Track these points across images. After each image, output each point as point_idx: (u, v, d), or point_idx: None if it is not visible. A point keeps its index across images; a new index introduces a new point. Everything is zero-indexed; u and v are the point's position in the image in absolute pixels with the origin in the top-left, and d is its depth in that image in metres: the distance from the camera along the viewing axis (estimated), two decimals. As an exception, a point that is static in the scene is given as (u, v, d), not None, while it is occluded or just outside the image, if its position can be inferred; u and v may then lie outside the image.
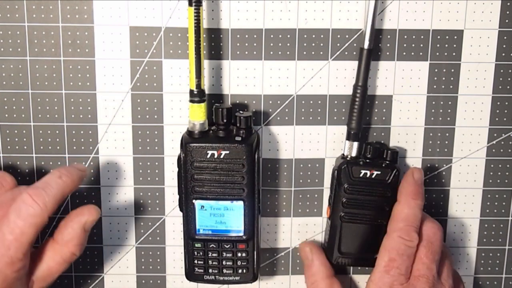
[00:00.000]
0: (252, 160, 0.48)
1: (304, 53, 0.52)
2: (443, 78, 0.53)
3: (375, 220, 0.51)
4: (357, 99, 0.50)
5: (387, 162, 0.50)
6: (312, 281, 0.51)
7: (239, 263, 0.51)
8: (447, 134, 0.54)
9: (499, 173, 0.55)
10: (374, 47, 0.51)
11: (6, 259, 0.42)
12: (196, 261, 0.51)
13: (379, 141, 0.54)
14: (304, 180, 0.54)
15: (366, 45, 0.49)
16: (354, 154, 0.51)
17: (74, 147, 0.53)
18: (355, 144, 0.51)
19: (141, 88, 0.52)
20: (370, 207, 0.51)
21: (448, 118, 0.53)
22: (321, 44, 0.52)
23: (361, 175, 0.50)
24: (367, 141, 0.53)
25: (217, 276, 0.52)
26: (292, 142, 0.54)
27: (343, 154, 0.52)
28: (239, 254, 0.51)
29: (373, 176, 0.50)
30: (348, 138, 0.51)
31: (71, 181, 0.46)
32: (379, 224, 0.51)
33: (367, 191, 0.50)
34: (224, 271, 0.52)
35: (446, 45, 0.52)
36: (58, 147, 0.53)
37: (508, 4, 0.51)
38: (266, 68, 0.52)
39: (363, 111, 0.51)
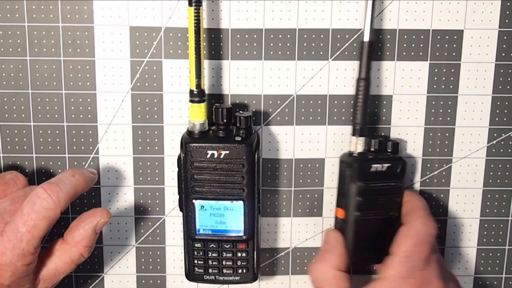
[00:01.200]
0: (252, 160, 0.48)
1: (304, 53, 0.52)
2: (443, 78, 0.53)
3: (388, 213, 0.50)
4: (360, 93, 0.49)
5: (390, 153, 0.50)
6: (323, 270, 0.48)
7: (239, 263, 0.51)
8: (447, 134, 0.54)
9: (499, 173, 0.55)
10: (375, 47, 0.51)
11: (18, 251, 0.42)
12: (196, 261, 0.51)
13: (380, 134, 0.53)
14: (304, 180, 0.54)
15: (366, 38, 0.49)
16: (360, 149, 0.50)
17: (74, 147, 0.53)
18: (361, 139, 0.50)
19: (141, 88, 0.52)
20: (384, 201, 0.49)
21: (448, 118, 0.53)
22: (321, 44, 0.52)
23: (373, 169, 0.49)
24: (373, 134, 0.53)
25: (217, 276, 0.52)
26: (292, 142, 0.54)
27: (350, 152, 0.51)
28: (239, 254, 0.51)
29: (385, 169, 0.49)
30: (353, 133, 0.50)
31: (84, 180, 0.46)
32: (391, 216, 0.50)
33: (381, 185, 0.49)
34: (224, 271, 0.52)
35: (446, 45, 0.52)
36: (58, 147, 0.53)
37: (508, 4, 0.51)
38: (266, 68, 0.52)
39: (367, 105, 0.50)
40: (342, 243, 0.49)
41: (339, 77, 0.52)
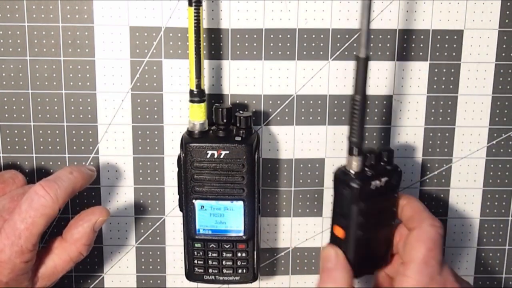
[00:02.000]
0: (252, 160, 0.48)
1: (304, 53, 0.52)
2: (443, 78, 0.53)
3: (388, 224, 0.48)
4: (356, 112, 0.44)
5: (386, 164, 0.47)
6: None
7: (239, 263, 0.51)
8: (447, 134, 0.54)
9: (499, 173, 0.55)
10: (374, 47, 0.51)
11: (16, 248, 0.43)
12: (196, 261, 0.51)
13: (370, 147, 0.51)
14: (304, 180, 0.54)
15: (362, 54, 0.43)
16: (358, 169, 0.45)
17: (74, 147, 0.53)
18: (359, 158, 0.45)
19: (141, 88, 0.52)
20: (383, 214, 0.48)
21: (448, 118, 0.53)
22: (321, 44, 0.52)
23: (373, 187, 0.46)
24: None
25: (217, 276, 0.52)
26: (292, 142, 0.54)
27: (345, 169, 0.46)
28: (239, 254, 0.51)
29: (383, 184, 0.46)
30: (350, 153, 0.45)
31: (82, 177, 0.47)
32: (389, 225, 0.48)
33: (381, 201, 0.47)
34: (224, 271, 0.52)
35: (446, 45, 0.52)
36: (58, 147, 0.53)
37: (508, 4, 0.51)
38: (266, 68, 0.52)
39: (364, 124, 0.45)
40: (345, 258, 0.46)
41: (339, 77, 0.52)
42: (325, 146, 0.54)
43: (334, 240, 0.48)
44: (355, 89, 0.44)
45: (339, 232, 0.47)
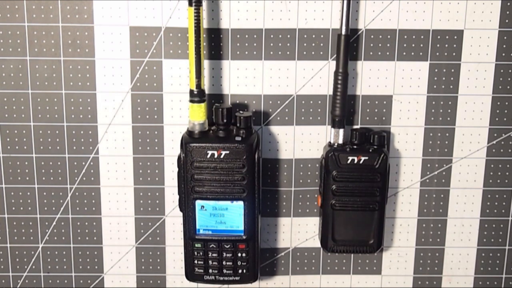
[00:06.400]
0: (252, 160, 0.48)
1: (304, 53, 0.52)
2: (443, 78, 0.53)
3: (367, 206, 0.51)
4: (339, 86, 0.50)
5: (375, 146, 0.51)
6: None
7: (239, 263, 0.51)
8: (447, 134, 0.54)
9: (499, 173, 0.55)
10: (374, 47, 0.51)
11: None
12: (196, 261, 0.51)
13: (365, 126, 0.54)
14: (304, 180, 0.54)
15: (343, 31, 0.49)
16: (340, 141, 0.51)
17: (74, 147, 0.53)
18: (341, 131, 0.51)
19: (141, 88, 0.52)
20: (360, 193, 0.51)
21: (448, 118, 0.53)
22: (321, 44, 0.52)
23: (348, 161, 0.50)
24: (353, 127, 0.53)
25: (217, 276, 0.52)
26: (292, 142, 0.54)
27: (330, 142, 0.52)
28: (239, 254, 0.51)
29: (361, 162, 0.50)
30: (333, 125, 0.51)
31: None
32: (370, 209, 0.51)
33: (356, 177, 0.51)
34: (224, 271, 0.52)
35: (446, 45, 0.52)
36: (58, 147, 0.53)
37: (508, 4, 0.51)
38: (266, 68, 0.52)
39: (346, 97, 0.51)
40: None
41: (339, 77, 0.52)
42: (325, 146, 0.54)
43: (320, 211, 0.53)
44: (338, 64, 0.50)
45: (318, 201, 0.52)
